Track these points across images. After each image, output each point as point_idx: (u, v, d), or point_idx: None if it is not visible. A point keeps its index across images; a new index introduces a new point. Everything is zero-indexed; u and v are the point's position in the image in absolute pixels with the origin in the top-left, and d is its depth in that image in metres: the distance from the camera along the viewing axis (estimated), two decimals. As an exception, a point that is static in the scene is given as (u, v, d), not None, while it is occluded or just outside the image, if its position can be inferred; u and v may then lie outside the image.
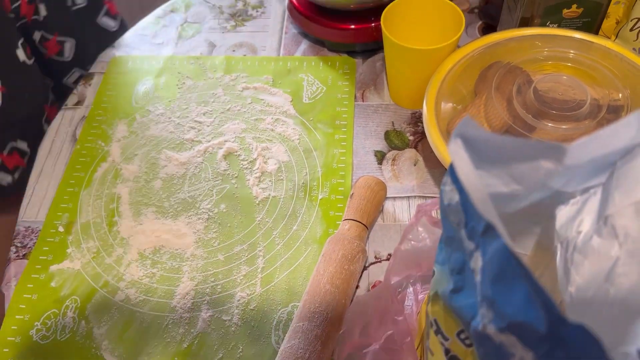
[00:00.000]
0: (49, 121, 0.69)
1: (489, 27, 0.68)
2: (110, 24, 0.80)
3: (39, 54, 0.72)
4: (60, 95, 0.76)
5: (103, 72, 0.68)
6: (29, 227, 0.55)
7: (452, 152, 0.21)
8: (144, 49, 0.70)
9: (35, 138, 0.65)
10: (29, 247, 0.53)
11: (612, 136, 0.21)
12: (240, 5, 0.74)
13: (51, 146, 0.61)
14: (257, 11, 0.73)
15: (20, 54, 0.65)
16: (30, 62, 0.66)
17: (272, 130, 0.60)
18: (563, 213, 0.27)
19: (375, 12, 0.63)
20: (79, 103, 0.65)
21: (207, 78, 0.66)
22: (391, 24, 0.56)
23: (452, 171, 0.22)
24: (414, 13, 0.57)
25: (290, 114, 0.62)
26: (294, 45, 0.69)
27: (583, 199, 0.25)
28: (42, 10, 0.69)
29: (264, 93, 0.64)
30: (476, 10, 0.70)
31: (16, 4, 0.66)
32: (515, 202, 0.25)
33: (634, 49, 0.52)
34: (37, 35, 0.71)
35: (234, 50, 0.69)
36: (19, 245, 0.54)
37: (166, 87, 0.66)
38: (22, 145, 0.67)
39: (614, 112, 0.49)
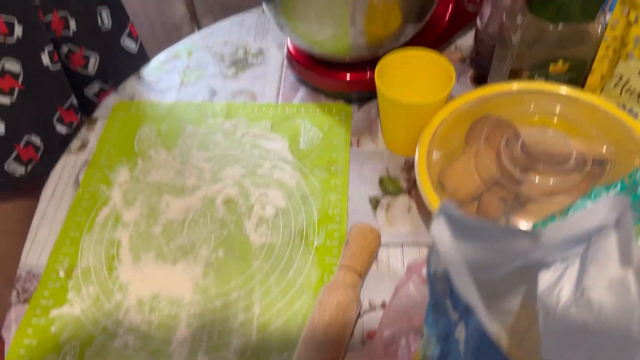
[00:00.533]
0: (61, 121, 0.71)
1: (480, 77, 0.70)
2: (131, 46, 0.85)
3: (65, 65, 0.76)
4: (80, 105, 0.79)
5: (106, 116, 0.70)
6: (30, 271, 0.56)
7: (434, 230, 0.22)
8: (147, 94, 0.73)
9: (46, 134, 0.69)
10: (30, 292, 0.54)
11: (584, 219, 0.22)
12: (241, 53, 0.77)
13: (54, 190, 0.63)
14: (257, 59, 0.76)
15: (45, 59, 0.68)
16: (53, 68, 0.70)
17: (270, 176, 0.62)
18: (545, 278, 0.28)
19: (370, 63, 0.66)
20: (82, 147, 0.67)
21: (208, 124, 0.68)
22: (385, 77, 0.58)
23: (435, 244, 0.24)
24: (406, 66, 0.60)
25: (288, 160, 0.64)
26: (292, 92, 0.72)
27: (563, 266, 0.27)
28: (73, 26, 0.73)
29: (262, 139, 0.66)
30: (467, 60, 0.73)
31: (48, 18, 0.70)
32: (497, 270, 0.27)
33: (618, 103, 0.54)
34: (64, 49, 0.75)
35: (234, 97, 0.71)
36: (20, 290, 0.55)
37: (168, 132, 0.68)
38: (36, 140, 0.70)
39: (600, 165, 0.51)
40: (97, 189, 0.62)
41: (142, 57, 0.87)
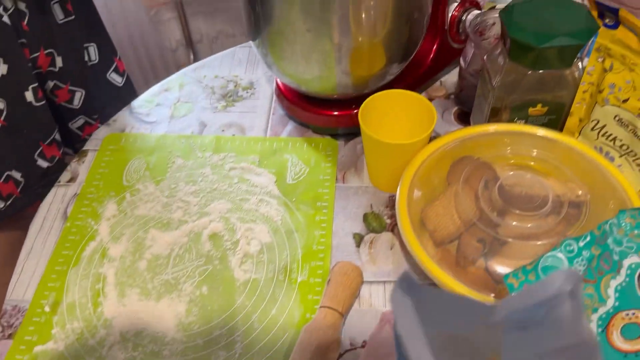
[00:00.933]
0: (43, 156, 0.73)
1: (464, 114, 0.72)
2: (117, 79, 0.86)
3: (50, 100, 0.77)
4: (64, 139, 0.81)
5: (97, 149, 0.71)
6: (16, 306, 0.56)
7: (392, 299, 0.23)
8: (137, 127, 0.74)
9: (28, 170, 0.71)
10: (15, 327, 0.55)
11: (541, 289, 0.23)
12: (231, 86, 0.79)
13: (42, 224, 0.64)
14: (247, 92, 0.78)
15: (29, 96, 0.70)
16: (37, 104, 0.71)
17: (256, 210, 0.63)
18: (508, 340, 0.29)
19: (356, 100, 0.67)
20: (71, 180, 0.68)
21: (197, 157, 0.69)
22: (369, 117, 0.60)
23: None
24: (390, 106, 0.61)
25: (274, 195, 0.65)
26: (280, 126, 0.73)
27: (523, 330, 0.28)
28: (59, 62, 0.75)
29: (250, 173, 0.67)
30: (452, 97, 0.74)
31: (35, 55, 0.71)
32: (461, 333, 0.27)
33: (595, 146, 0.55)
34: (50, 84, 0.76)
35: (223, 130, 0.73)
36: (5, 324, 0.55)
37: (157, 165, 0.69)
38: (17, 175, 0.71)
39: (576, 207, 0.52)
40: (85, 223, 0.63)
41: (128, 90, 0.88)
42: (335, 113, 0.68)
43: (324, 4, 0.53)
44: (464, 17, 0.70)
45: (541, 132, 0.56)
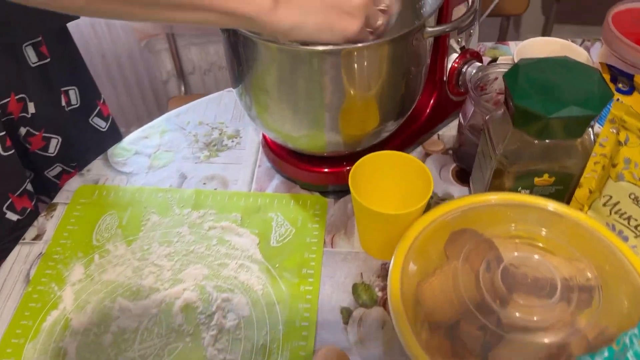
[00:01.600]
0: (12, 208, 0.67)
1: (462, 171, 0.67)
2: (101, 124, 0.81)
3: (22, 147, 0.72)
4: (40, 187, 0.76)
5: (67, 202, 0.66)
6: (-38, 386, 0.51)
7: None
8: (112, 177, 0.69)
9: None
10: (-42, 412, 0.49)
11: None
12: (216, 134, 0.74)
13: (2, 287, 0.58)
14: (232, 141, 0.73)
15: None
16: (5, 153, 0.66)
17: (235, 277, 0.58)
18: None
19: (348, 156, 0.62)
20: (37, 237, 0.63)
21: (174, 214, 0.64)
22: (360, 178, 0.55)
23: None
24: (383, 167, 0.56)
25: (255, 259, 0.59)
26: (266, 180, 0.68)
27: None
28: (31, 108, 0.70)
29: (230, 233, 0.62)
30: (450, 152, 0.70)
31: (4, 101, 0.66)
32: None
33: (607, 223, 0.51)
34: (22, 131, 0.71)
35: (204, 183, 0.68)
36: (-53, 409, 0.49)
37: (130, 222, 0.63)
38: None
39: (587, 291, 0.47)
40: (48, 288, 0.57)
41: (113, 135, 0.84)
42: (325, 170, 0.63)
43: (313, 64, 0.49)
44: (464, 69, 0.66)
45: (549, 205, 0.51)
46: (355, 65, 0.49)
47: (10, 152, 0.66)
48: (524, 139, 0.50)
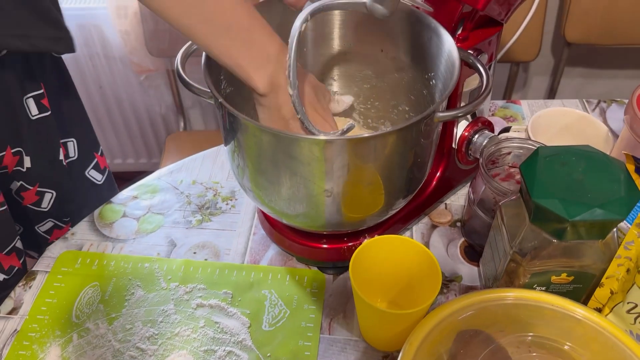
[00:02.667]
0: (0, 268, 0.63)
1: (471, 248, 0.63)
2: (97, 177, 0.78)
3: (14, 201, 0.68)
4: (29, 241, 0.72)
5: (48, 270, 0.62)
6: None
7: None
8: (97, 243, 0.64)
9: None
10: None
11: None
12: (210, 195, 0.70)
13: (-31, 370, 0.54)
14: (227, 204, 0.69)
15: None
16: None
17: (224, 366, 0.53)
18: None
19: (350, 233, 0.58)
20: (13, 311, 0.58)
21: (160, 288, 0.60)
22: (362, 264, 0.51)
23: None
24: (387, 253, 0.52)
25: (245, 346, 0.55)
26: (261, 250, 0.64)
27: None
28: (27, 162, 0.66)
29: (220, 314, 0.57)
30: (458, 224, 0.65)
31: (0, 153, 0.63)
32: None
33: (630, 332, 0.46)
34: (14, 185, 0.67)
35: (195, 253, 0.63)
36: None
37: (113, 296, 0.59)
38: None
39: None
40: (19, 373, 0.53)
41: (109, 189, 0.79)
42: (325, 246, 0.59)
43: (313, 152, 0.45)
44: (474, 139, 0.62)
45: (569, 309, 0.46)
46: (361, 153, 0.45)
47: (2, 209, 0.62)
48: (542, 237, 0.45)
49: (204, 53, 0.49)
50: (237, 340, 0.55)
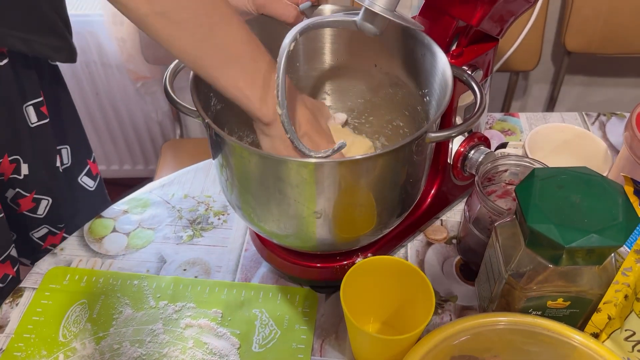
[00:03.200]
0: None
1: (467, 266, 0.61)
2: (89, 183, 0.78)
3: (9, 208, 0.67)
4: (23, 248, 0.71)
5: (36, 287, 0.61)
6: None
7: None
8: (86, 259, 0.63)
9: None
10: None
11: None
12: (202, 209, 0.69)
13: (-48, 391, 0.53)
14: (219, 218, 0.68)
15: None
16: None
17: (212, 389, 0.52)
18: None
19: (343, 252, 0.57)
20: (0, 329, 0.57)
21: (149, 307, 0.58)
22: (353, 285, 0.49)
23: None
24: (380, 273, 0.51)
25: (235, 368, 0.54)
26: (253, 267, 0.62)
27: None
28: (24, 170, 0.66)
29: (209, 334, 0.56)
30: (454, 241, 0.64)
31: None
32: None
33: (628, 359, 0.45)
34: (10, 193, 0.67)
35: (185, 270, 0.62)
36: None
37: (101, 314, 0.58)
38: None
39: None
40: (3, 395, 0.52)
41: (100, 196, 0.79)
42: (318, 265, 0.58)
43: (301, 174, 0.43)
44: (470, 154, 0.61)
45: (564, 335, 0.45)
46: (351, 175, 0.44)
47: None
48: (537, 261, 0.44)
49: (192, 72, 0.48)
50: (227, 362, 0.54)
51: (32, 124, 0.65)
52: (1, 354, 0.55)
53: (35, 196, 0.68)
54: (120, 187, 0.85)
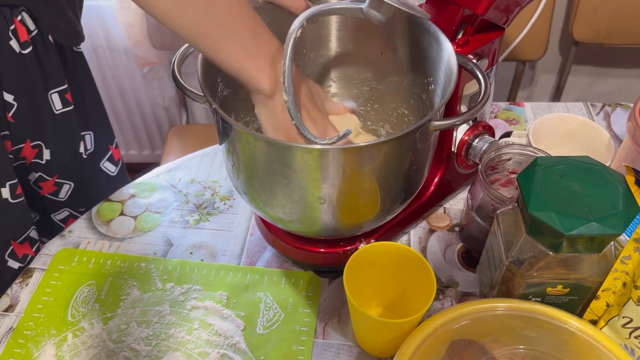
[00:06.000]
0: (14, 256, 0.65)
1: (468, 253, 0.62)
2: (111, 168, 0.79)
3: (32, 190, 0.69)
4: (44, 229, 0.73)
5: (45, 268, 0.62)
6: None
7: None
8: (94, 241, 0.65)
9: None
10: None
11: None
12: (208, 194, 0.70)
13: (-35, 367, 0.54)
14: (224, 203, 0.69)
15: (5, 192, 0.62)
16: (14, 200, 0.63)
17: (217, 369, 0.53)
18: None
19: (346, 237, 0.58)
20: (9, 309, 0.58)
21: (156, 289, 0.60)
22: (356, 271, 0.50)
23: None
24: (382, 259, 0.52)
25: (239, 349, 0.55)
26: (258, 251, 0.63)
27: None
28: (46, 155, 0.67)
29: (214, 316, 0.57)
30: (456, 229, 0.65)
31: (18, 146, 0.64)
32: None
33: (625, 345, 0.46)
34: (33, 176, 0.68)
35: (191, 253, 0.63)
36: None
37: (109, 296, 0.59)
38: None
39: None
40: (14, 371, 0.54)
41: (122, 180, 0.80)
42: (321, 250, 0.59)
43: (306, 160, 0.44)
44: (474, 143, 0.62)
45: (561, 320, 0.46)
46: (356, 162, 0.45)
47: (19, 200, 0.63)
48: (538, 249, 0.45)
49: (199, 58, 0.49)
50: (231, 343, 0.55)
51: (57, 110, 0.66)
52: (12, 332, 0.56)
53: (57, 180, 0.70)
54: (127, 171, 0.87)
